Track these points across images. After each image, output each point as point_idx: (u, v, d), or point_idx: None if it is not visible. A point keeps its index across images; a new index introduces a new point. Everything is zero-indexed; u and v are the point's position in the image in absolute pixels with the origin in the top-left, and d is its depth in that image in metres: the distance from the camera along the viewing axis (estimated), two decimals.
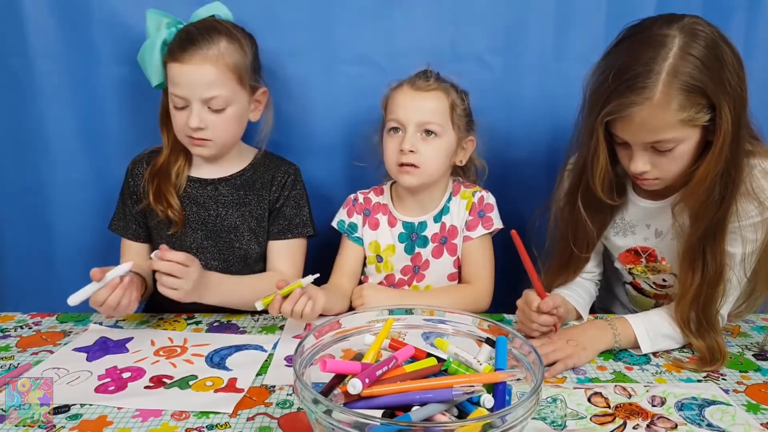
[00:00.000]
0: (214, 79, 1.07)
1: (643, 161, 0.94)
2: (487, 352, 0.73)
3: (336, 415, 0.56)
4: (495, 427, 0.56)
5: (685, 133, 0.90)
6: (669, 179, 0.97)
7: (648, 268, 1.10)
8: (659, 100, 0.87)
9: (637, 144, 0.93)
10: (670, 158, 0.93)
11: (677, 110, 0.87)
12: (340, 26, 1.28)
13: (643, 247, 1.08)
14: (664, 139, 0.90)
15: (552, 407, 0.80)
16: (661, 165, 0.94)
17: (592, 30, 1.28)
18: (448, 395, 0.62)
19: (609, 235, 1.12)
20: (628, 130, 0.92)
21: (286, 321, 1.07)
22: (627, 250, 1.11)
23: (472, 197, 1.20)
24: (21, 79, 1.26)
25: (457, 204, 1.21)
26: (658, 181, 0.97)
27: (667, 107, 0.87)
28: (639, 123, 0.89)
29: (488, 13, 1.28)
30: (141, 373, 0.88)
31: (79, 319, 1.07)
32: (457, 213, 1.21)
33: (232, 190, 1.18)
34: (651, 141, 0.91)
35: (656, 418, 0.78)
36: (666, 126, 0.89)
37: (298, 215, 1.21)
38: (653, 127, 0.89)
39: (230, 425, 0.75)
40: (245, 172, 1.20)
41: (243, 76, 1.11)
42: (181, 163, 1.18)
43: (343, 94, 1.31)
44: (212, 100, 1.07)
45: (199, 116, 1.08)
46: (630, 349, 0.98)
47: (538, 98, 1.32)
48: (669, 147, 0.91)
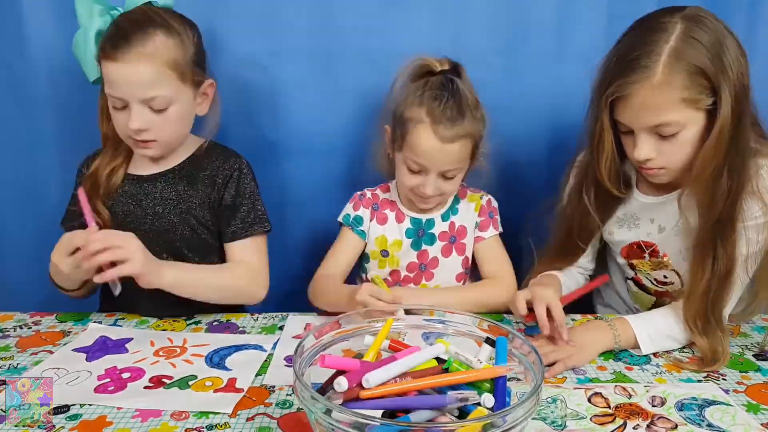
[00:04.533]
0: (152, 79, 0.98)
1: (648, 147, 0.94)
2: (488, 352, 0.73)
3: (336, 415, 0.56)
4: (495, 427, 0.56)
5: (687, 117, 0.90)
6: (675, 170, 0.96)
7: (650, 263, 1.10)
8: (660, 79, 0.88)
9: (640, 128, 0.93)
10: (674, 145, 0.92)
11: (678, 89, 0.88)
12: (340, 26, 1.28)
13: (646, 242, 1.08)
14: (667, 122, 0.90)
15: (552, 407, 0.80)
16: (666, 152, 0.94)
17: (592, 30, 1.28)
18: (442, 402, 0.62)
19: (613, 228, 1.12)
20: (630, 113, 0.92)
21: (286, 321, 1.07)
22: (630, 245, 1.11)
23: (480, 200, 1.23)
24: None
25: (465, 206, 1.23)
26: (663, 171, 0.97)
27: (668, 87, 0.88)
28: (640, 103, 0.90)
29: (489, 13, 1.29)
30: (141, 374, 0.88)
31: (78, 319, 1.07)
32: (466, 214, 1.22)
33: (169, 186, 1.11)
34: (654, 123, 0.91)
35: (656, 419, 0.78)
36: (667, 106, 0.89)
37: (253, 212, 1.13)
38: (655, 108, 0.90)
39: (230, 425, 0.75)
40: (183, 166, 1.13)
41: (185, 72, 1.03)
42: (119, 162, 1.11)
43: (343, 94, 1.31)
44: (153, 100, 1.00)
45: (139, 118, 1.00)
46: (630, 349, 0.98)
47: (539, 98, 1.33)
48: (673, 131, 0.91)
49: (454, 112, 1.06)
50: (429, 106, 1.06)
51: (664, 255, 1.07)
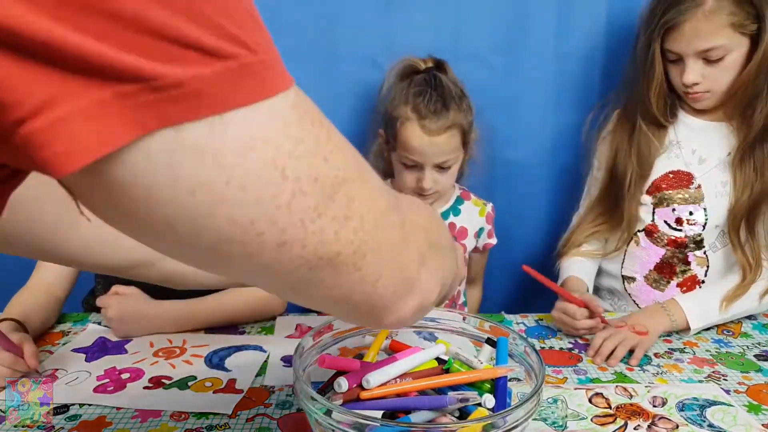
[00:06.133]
0: None
1: (695, 72, 1.03)
2: (488, 352, 0.72)
3: (336, 416, 0.56)
4: (496, 427, 0.56)
5: (734, 41, 1.00)
6: (719, 93, 1.06)
7: (683, 194, 1.12)
8: (710, 7, 0.98)
9: (689, 54, 1.02)
10: (720, 68, 1.02)
11: (726, 15, 0.98)
12: (340, 26, 1.27)
13: (684, 172, 1.12)
14: (715, 46, 1.00)
15: (553, 408, 0.79)
16: (711, 76, 1.03)
17: (592, 30, 1.28)
18: (442, 403, 0.62)
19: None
20: (682, 40, 1.02)
21: (274, 323, 1.07)
22: (665, 174, 1.14)
23: (485, 207, 1.25)
24: None
25: (469, 209, 1.23)
26: (708, 94, 1.06)
27: (716, 13, 0.98)
28: (691, 30, 1.00)
29: (489, 13, 1.28)
30: (140, 374, 0.88)
31: (77, 319, 1.07)
32: (468, 217, 1.23)
33: None
34: (703, 48, 1.00)
35: (657, 419, 0.77)
36: (716, 31, 0.99)
37: None
38: (705, 34, 0.99)
39: (229, 426, 0.74)
40: None
41: None
42: None
43: (343, 94, 1.31)
44: None
45: None
46: (682, 330, 1.02)
47: (539, 98, 1.32)
48: (719, 55, 1.01)
49: (438, 105, 1.08)
50: (413, 103, 1.09)
51: (699, 186, 1.11)
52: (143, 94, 0.24)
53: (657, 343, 1.00)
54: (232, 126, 0.26)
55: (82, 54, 0.23)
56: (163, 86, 0.24)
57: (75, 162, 0.24)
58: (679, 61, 1.05)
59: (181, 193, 0.27)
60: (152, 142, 0.25)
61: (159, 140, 0.25)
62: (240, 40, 0.26)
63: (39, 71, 0.23)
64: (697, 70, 1.03)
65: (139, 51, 0.24)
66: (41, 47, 0.22)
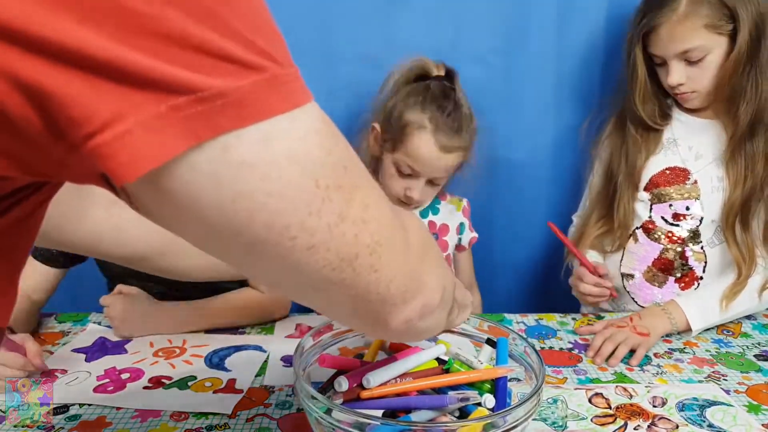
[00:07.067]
0: None
1: (679, 73, 1.06)
2: (488, 352, 0.72)
3: (336, 415, 0.56)
4: (496, 427, 0.56)
5: (711, 41, 1.02)
6: (704, 92, 1.08)
7: (680, 189, 1.14)
8: (683, 10, 1.01)
9: (670, 56, 1.06)
10: (701, 68, 1.05)
11: (700, 17, 1.01)
12: (340, 26, 1.27)
13: (681, 168, 1.14)
14: (692, 47, 1.03)
15: (553, 408, 0.79)
16: (694, 76, 1.06)
17: (592, 30, 1.28)
18: (442, 402, 0.62)
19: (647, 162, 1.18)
20: (660, 43, 1.06)
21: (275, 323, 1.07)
22: (662, 170, 1.15)
23: (461, 202, 1.25)
24: None
25: (446, 207, 1.24)
26: (695, 94, 1.09)
27: (690, 16, 1.01)
28: (667, 34, 1.04)
29: (489, 13, 1.28)
30: (140, 374, 0.88)
31: (77, 319, 1.07)
32: (449, 215, 1.23)
33: None
34: (681, 50, 1.04)
35: (657, 419, 0.77)
36: (691, 33, 1.02)
37: None
38: (680, 36, 1.03)
39: (229, 426, 0.74)
40: None
41: None
42: None
43: (343, 94, 1.31)
44: None
45: None
46: (683, 331, 1.03)
47: (539, 98, 1.32)
48: (699, 56, 1.03)
49: (456, 124, 1.08)
50: (431, 113, 1.06)
51: (695, 182, 1.12)
52: (193, 106, 0.26)
53: (657, 343, 1.00)
54: (276, 141, 0.29)
55: (139, 70, 0.25)
56: (209, 97, 0.26)
57: (137, 170, 0.26)
58: (664, 64, 1.09)
59: (224, 200, 0.29)
60: (201, 154, 0.27)
61: (207, 152, 0.27)
62: (269, 54, 0.29)
63: (104, 89, 0.25)
64: (680, 71, 1.06)
65: (186, 65, 0.26)
66: (105, 66, 0.25)
